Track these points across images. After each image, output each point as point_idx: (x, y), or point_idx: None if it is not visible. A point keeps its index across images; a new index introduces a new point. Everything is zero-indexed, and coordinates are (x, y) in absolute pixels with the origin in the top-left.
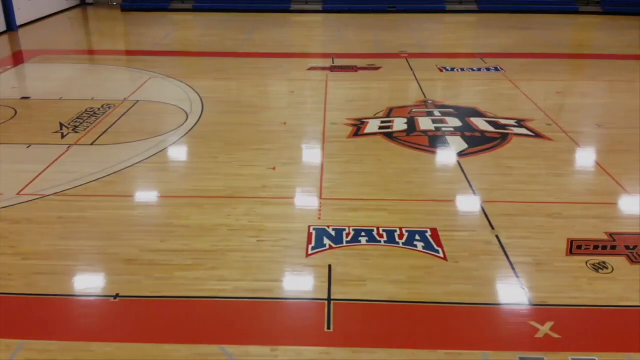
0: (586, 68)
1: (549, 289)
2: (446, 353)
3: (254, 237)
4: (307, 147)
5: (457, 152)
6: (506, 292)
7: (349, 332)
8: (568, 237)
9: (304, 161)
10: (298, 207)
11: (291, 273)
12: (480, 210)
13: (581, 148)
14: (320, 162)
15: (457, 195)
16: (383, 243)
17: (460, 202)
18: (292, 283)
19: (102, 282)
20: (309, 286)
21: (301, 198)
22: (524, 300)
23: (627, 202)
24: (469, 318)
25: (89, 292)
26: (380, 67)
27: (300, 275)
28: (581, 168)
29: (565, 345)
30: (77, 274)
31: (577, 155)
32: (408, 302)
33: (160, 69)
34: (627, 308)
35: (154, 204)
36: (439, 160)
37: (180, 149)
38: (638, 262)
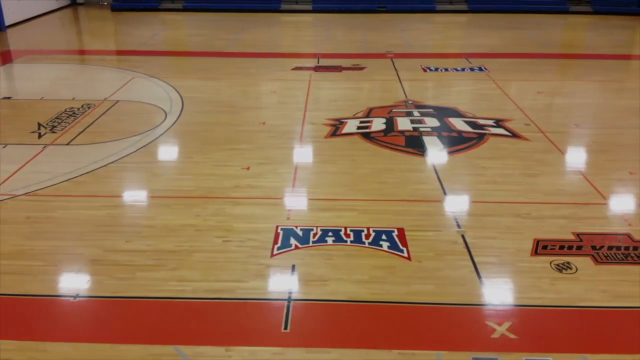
0: (571, 68)
1: (510, 289)
2: (400, 353)
3: (220, 237)
4: (283, 147)
5: (433, 152)
6: (466, 292)
7: (306, 332)
8: (534, 238)
9: (279, 161)
10: (268, 207)
11: (253, 273)
12: (449, 210)
13: (557, 148)
14: (294, 162)
15: (428, 196)
16: (349, 243)
17: (429, 202)
18: (253, 283)
19: (64, 282)
20: (270, 286)
21: (271, 198)
22: (484, 300)
23: (597, 202)
24: (427, 318)
25: (49, 292)
26: (365, 67)
27: (263, 275)
28: (555, 168)
29: (521, 346)
30: (39, 274)
31: (552, 155)
32: (367, 302)
33: (144, 69)
34: (586, 308)
35: (123, 204)
36: (411, 160)
37: (155, 148)
38: (603, 263)
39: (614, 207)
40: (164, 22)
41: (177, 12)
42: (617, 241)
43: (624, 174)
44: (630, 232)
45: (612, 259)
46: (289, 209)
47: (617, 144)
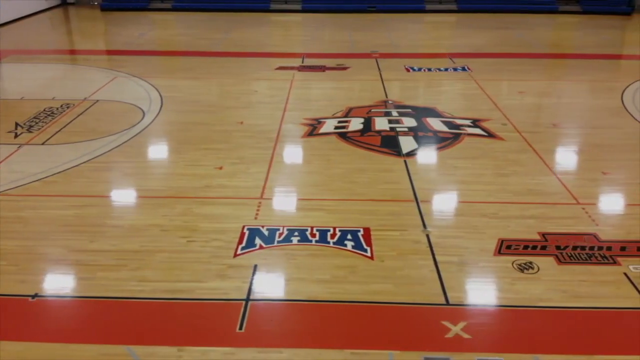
0: (555, 68)
1: (469, 289)
2: (352, 353)
3: (185, 237)
4: (258, 147)
5: (406, 152)
6: (425, 292)
7: (260, 332)
8: (499, 238)
9: (252, 161)
10: (237, 207)
11: (214, 274)
12: (417, 209)
13: (532, 148)
14: (268, 162)
15: (397, 195)
16: (314, 243)
17: (398, 202)
18: (213, 284)
19: (23, 282)
20: (230, 287)
21: (241, 198)
22: (441, 300)
23: (567, 202)
24: (383, 317)
25: (7, 291)
26: (349, 67)
27: (223, 275)
28: (528, 168)
29: (474, 346)
30: (0, 274)
31: (526, 155)
32: (326, 302)
33: (128, 69)
34: (543, 309)
35: (91, 204)
36: (385, 160)
37: (129, 148)
38: (565, 263)
39: (583, 208)
40: (153, 22)
41: (167, 11)
42: (583, 241)
43: (597, 174)
44: (597, 232)
45: (575, 259)
46: (257, 208)
47: (594, 144)
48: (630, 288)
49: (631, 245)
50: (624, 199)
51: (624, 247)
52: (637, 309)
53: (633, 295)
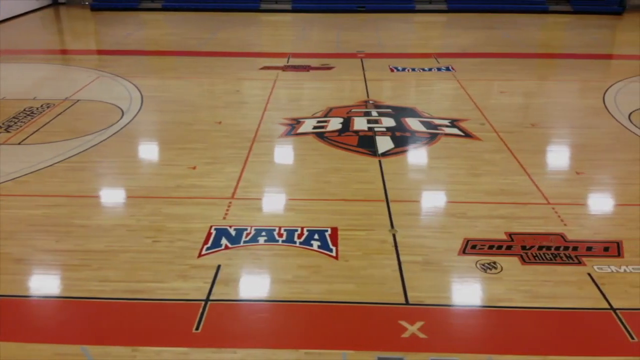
0: (539, 67)
1: (430, 288)
2: (306, 352)
3: (151, 237)
4: (235, 147)
5: (382, 152)
6: (385, 292)
7: (217, 333)
8: (465, 237)
9: (227, 161)
10: (206, 207)
11: (176, 274)
12: (386, 209)
13: (507, 148)
14: (243, 162)
15: (369, 195)
16: (281, 243)
17: (369, 202)
18: (174, 284)
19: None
20: (190, 287)
21: (212, 198)
22: (401, 299)
23: (537, 202)
24: (340, 317)
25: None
26: (333, 67)
27: (185, 276)
28: (501, 168)
29: (429, 345)
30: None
31: (501, 155)
32: (285, 302)
33: (112, 68)
34: (502, 309)
35: (61, 203)
36: (360, 160)
37: (104, 148)
38: (530, 263)
39: (553, 208)
40: (142, 22)
41: (157, 11)
42: (549, 241)
43: (571, 174)
44: (565, 232)
45: (540, 259)
46: (227, 209)
47: (570, 144)
48: (593, 288)
49: (598, 245)
50: (595, 199)
51: (590, 248)
52: (597, 309)
53: (595, 296)
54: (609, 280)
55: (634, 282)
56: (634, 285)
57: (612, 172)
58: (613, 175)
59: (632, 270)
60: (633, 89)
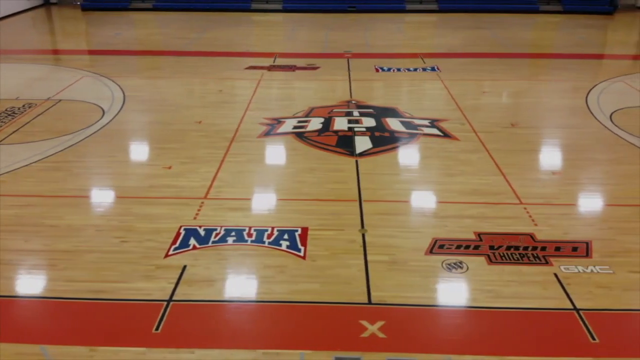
0: (525, 67)
1: (394, 288)
2: (264, 353)
3: (119, 237)
4: (212, 147)
5: (359, 152)
6: (349, 291)
7: (176, 333)
8: (434, 237)
9: (203, 160)
10: (178, 207)
11: (141, 274)
12: (358, 209)
13: (485, 148)
14: (219, 162)
15: (342, 195)
16: (249, 243)
17: (342, 202)
18: (138, 284)
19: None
20: (154, 287)
21: (184, 198)
22: (364, 299)
23: (509, 202)
24: (301, 317)
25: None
26: (319, 67)
27: (150, 276)
28: (477, 168)
29: (388, 345)
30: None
31: (478, 155)
32: (248, 302)
33: (97, 68)
34: (464, 309)
35: (33, 203)
36: (337, 160)
37: (82, 148)
38: (496, 263)
39: (525, 208)
40: (132, 22)
41: (147, 11)
42: (518, 241)
43: (546, 174)
44: (534, 232)
45: (507, 259)
46: (198, 209)
47: (548, 144)
48: (558, 288)
49: (566, 245)
50: (568, 199)
51: (559, 248)
52: (560, 309)
53: (559, 296)
54: (574, 280)
55: (599, 283)
56: (600, 286)
57: (588, 172)
58: (588, 176)
59: (599, 270)
60: (617, 88)
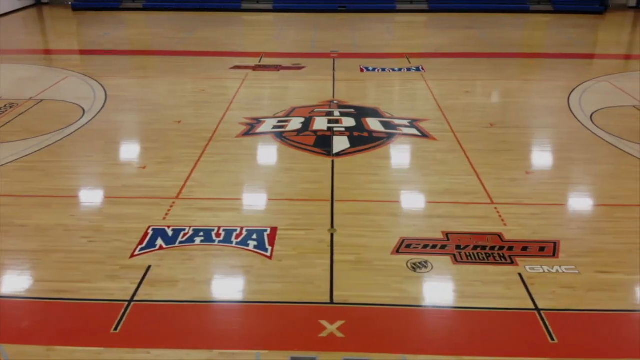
0: (510, 67)
1: (357, 287)
2: (220, 353)
3: (87, 237)
4: (190, 146)
5: (336, 152)
6: (312, 291)
7: (135, 333)
8: (402, 236)
9: (178, 160)
10: (148, 207)
11: (105, 274)
12: (330, 209)
13: (461, 148)
14: (194, 161)
15: (315, 195)
16: (217, 243)
17: (314, 202)
18: (101, 284)
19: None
20: (117, 287)
21: (156, 198)
22: (326, 299)
23: (480, 202)
24: (260, 317)
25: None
26: (304, 67)
27: (114, 276)
28: (451, 168)
29: (345, 345)
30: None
31: (454, 155)
32: (208, 302)
33: (82, 68)
34: (425, 308)
35: (5, 203)
36: (313, 160)
37: (58, 148)
38: (462, 262)
39: (495, 207)
40: (122, 22)
41: (138, 11)
42: (485, 241)
43: (520, 174)
44: (503, 232)
45: (473, 258)
46: (169, 209)
47: (524, 144)
48: (521, 288)
49: (534, 245)
50: (539, 199)
51: (526, 248)
52: (521, 309)
53: (521, 296)
54: (539, 280)
55: (563, 283)
56: (563, 286)
57: (561, 172)
58: (561, 175)
59: (565, 270)
60: (600, 88)
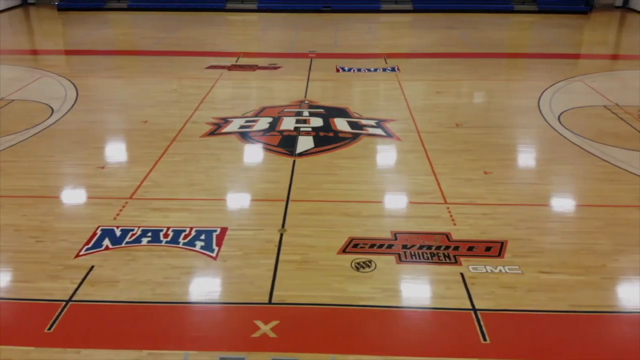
0: (486, 67)
1: (298, 287)
2: (149, 353)
3: (35, 237)
4: (152, 146)
5: (299, 152)
6: (251, 291)
7: (68, 333)
8: (350, 236)
9: (138, 160)
10: (101, 207)
11: (47, 274)
12: (283, 209)
13: (424, 148)
14: (154, 162)
15: (270, 195)
16: (164, 243)
17: (268, 202)
18: (42, 284)
19: None
20: (57, 287)
21: (110, 198)
22: (265, 299)
23: (433, 202)
24: (192, 317)
25: None
26: (280, 67)
27: (56, 276)
28: (411, 168)
29: (276, 345)
30: None
31: (415, 155)
32: (144, 303)
33: (58, 68)
34: (361, 308)
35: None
36: (275, 160)
37: (22, 148)
38: (405, 262)
39: (447, 207)
40: (106, 22)
41: (123, 11)
42: (432, 241)
43: (477, 174)
44: (451, 232)
45: (417, 258)
46: (121, 209)
47: (487, 143)
48: (461, 288)
49: (480, 245)
50: (493, 199)
51: (472, 247)
52: (458, 309)
53: (460, 296)
54: (480, 280)
55: (504, 283)
56: (504, 286)
57: (520, 172)
58: (519, 175)
59: (508, 270)
60: (573, 88)
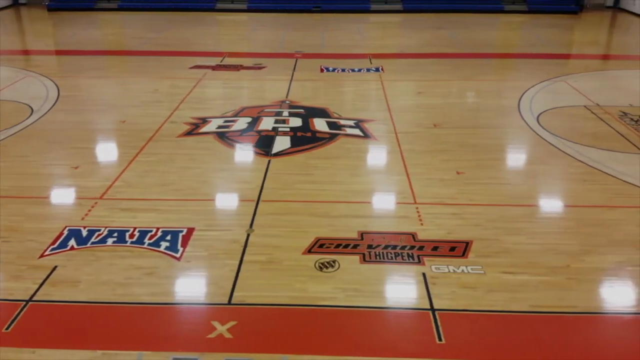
0: (470, 67)
1: (259, 288)
2: (103, 353)
3: (3, 237)
4: (128, 146)
5: (275, 152)
6: (211, 292)
7: (25, 333)
8: (317, 236)
9: (112, 160)
10: (71, 207)
11: (10, 274)
12: (253, 209)
13: (399, 148)
14: (128, 162)
15: (241, 195)
16: (129, 244)
17: (235, 201)
18: (3, 284)
19: None
20: (18, 287)
21: (80, 198)
22: (224, 299)
23: (404, 202)
24: (148, 318)
25: None
26: (265, 67)
27: (17, 276)
28: (384, 168)
29: (230, 346)
30: None
31: (390, 155)
32: (102, 303)
33: (42, 68)
34: (320, 307)
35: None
36: (250, 160)
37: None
38: (369, 262)
39: (417, 207)
40: (94, 22)
41: (113, 11)
42: (398, 240)
43: (450, 174)
44: (418, 232)
45: (382, 258)
46: (90, 209)
47: (462, 144)
48: (422, 288)
49: (445, 245)
50: (463, 199)
51: (437, 247)
52: (417, 309)
53: (420, 296)
54: (441, 280)
55: (465, 283)
56: (464, 286)
57: (492, 172)
58: (491, 176)
59: (470, 270)
60: (555, 88)
